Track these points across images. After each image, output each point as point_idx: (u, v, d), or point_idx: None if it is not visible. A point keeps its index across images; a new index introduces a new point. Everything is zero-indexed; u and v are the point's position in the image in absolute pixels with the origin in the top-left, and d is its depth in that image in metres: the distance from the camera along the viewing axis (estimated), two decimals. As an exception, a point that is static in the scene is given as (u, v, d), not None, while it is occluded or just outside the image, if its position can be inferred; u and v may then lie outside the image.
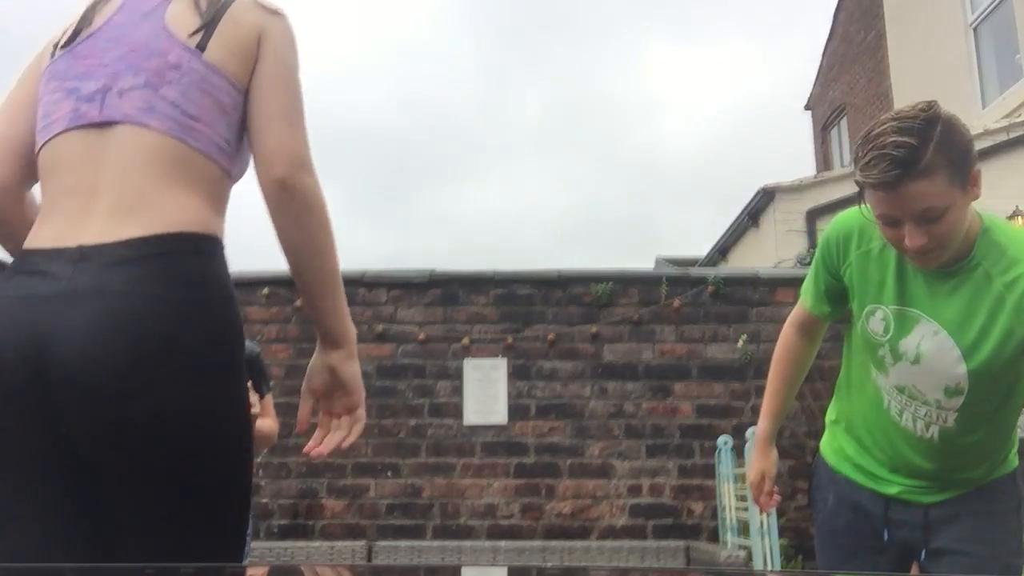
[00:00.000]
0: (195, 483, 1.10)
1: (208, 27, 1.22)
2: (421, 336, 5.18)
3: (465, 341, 5.17)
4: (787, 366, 1.82)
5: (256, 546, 4.43)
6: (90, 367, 1.05)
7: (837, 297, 1.67)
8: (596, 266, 5.47)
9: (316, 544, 4.85)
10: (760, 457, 1.88)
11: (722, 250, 8.74)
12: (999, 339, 1.45)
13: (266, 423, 2.46)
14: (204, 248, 1.16)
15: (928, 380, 1.54)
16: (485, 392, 5.11)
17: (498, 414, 5.08)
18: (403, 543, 4.84)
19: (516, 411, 5.12)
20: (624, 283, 5.27)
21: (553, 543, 4.85)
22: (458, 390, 5.13)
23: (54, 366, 1.05)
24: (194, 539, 1.10)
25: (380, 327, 5.13)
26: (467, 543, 4.87)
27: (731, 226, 8.29)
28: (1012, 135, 6.50)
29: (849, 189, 6.65)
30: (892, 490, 1.66)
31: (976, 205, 1.48)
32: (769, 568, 4.12)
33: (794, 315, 1.80)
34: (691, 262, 8.94)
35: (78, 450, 1.08)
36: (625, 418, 5.10)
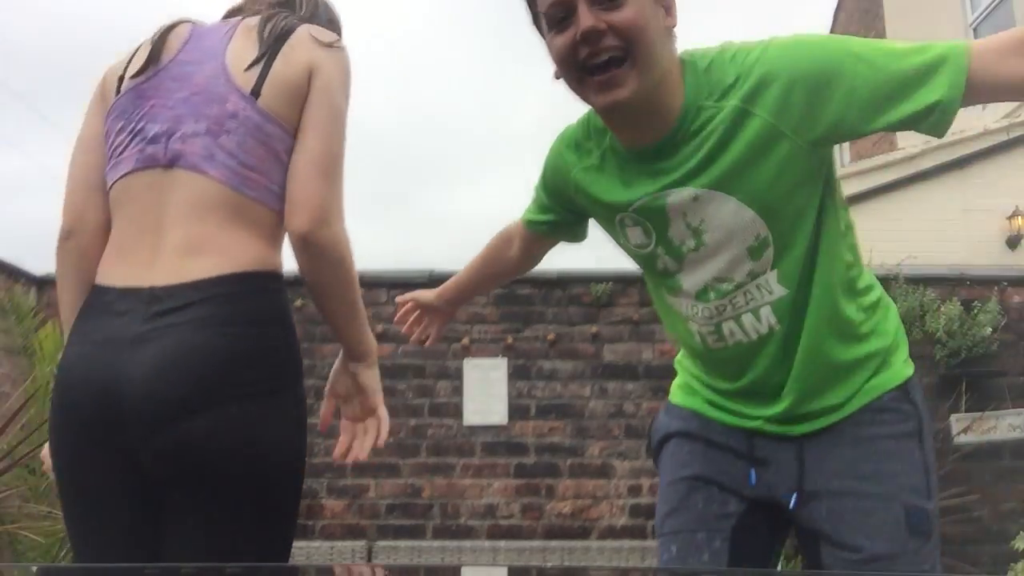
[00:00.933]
0: (247, 502, 1.19)
1: (264, 65, 1.25)
2: (421, 336, 5.18)
3: (465, 341, 5.17)
4: (489, 248, 1.80)
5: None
6: (153, 402, 1.14)
7: (557, 214, 1.58)
8: (596, 266, 5.46)
9: (316, 544, 4.84)
10: (425, 291, 1.92)
11: (722, 250, 8.71)
12: (757, 144, 1.21)
13: None
14: (267, 286, 1.25)
15: (724, 253, 1.28)
16: (485, 392, 5.11)
17: (498, 414, 5.08)
18: (403, 543, 4.84)
19: (516, 411, 5.12)
20: (624, 283, 5.27)
21: (553, 543, 4.85)
22: (458, 390, 5.13)
23: (123, 404, 1.14)
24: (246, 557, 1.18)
25: (380, 327, 5.13)
26: (467, 543, 4.87)
27: (731, 226, 8.25)
28: (1012, 135, 6.49)
29: (850, 189, 6.65)
30: (754, 423, 1.36)
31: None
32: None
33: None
34: (691, 262, 8.89)
35: (144, 472, 1.17)
36: (625, 418, 5.10)
